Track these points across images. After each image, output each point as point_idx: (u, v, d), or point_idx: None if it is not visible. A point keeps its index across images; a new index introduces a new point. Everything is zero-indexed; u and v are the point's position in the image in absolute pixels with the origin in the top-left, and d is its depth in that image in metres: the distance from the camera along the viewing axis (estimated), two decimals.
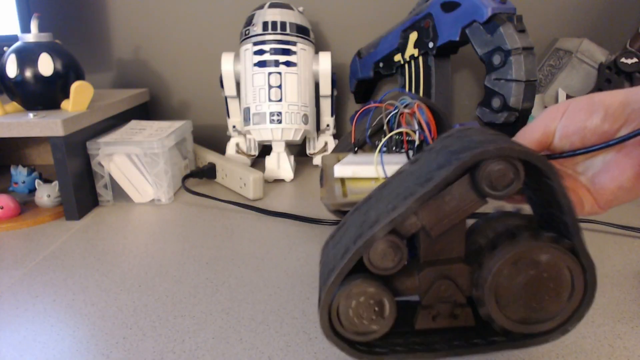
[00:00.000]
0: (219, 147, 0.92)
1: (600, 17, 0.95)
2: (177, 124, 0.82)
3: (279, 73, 0.81)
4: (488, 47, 0.63)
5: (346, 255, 0.29)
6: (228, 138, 0.92)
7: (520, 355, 0.39)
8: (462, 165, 0.27)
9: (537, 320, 0.32)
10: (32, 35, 0.71)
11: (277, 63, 0.81)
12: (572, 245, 0.30)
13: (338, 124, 1.01)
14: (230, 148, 0.90)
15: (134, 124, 0.84)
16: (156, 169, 0.73)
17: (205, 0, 0.96)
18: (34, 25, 0.71)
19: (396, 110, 0.43)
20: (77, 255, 0.59)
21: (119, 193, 0.75)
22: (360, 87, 0.95)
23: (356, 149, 0.46)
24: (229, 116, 0.91)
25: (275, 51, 0.81)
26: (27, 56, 0.70)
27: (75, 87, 0.70)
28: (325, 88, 0.87)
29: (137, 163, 0.74)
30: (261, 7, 0.84)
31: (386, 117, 0.45)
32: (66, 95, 0.72)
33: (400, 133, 0.43)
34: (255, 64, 0.81)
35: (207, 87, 1.00)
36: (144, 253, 0.59)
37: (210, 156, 0.84)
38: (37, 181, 0.72)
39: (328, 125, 0.91)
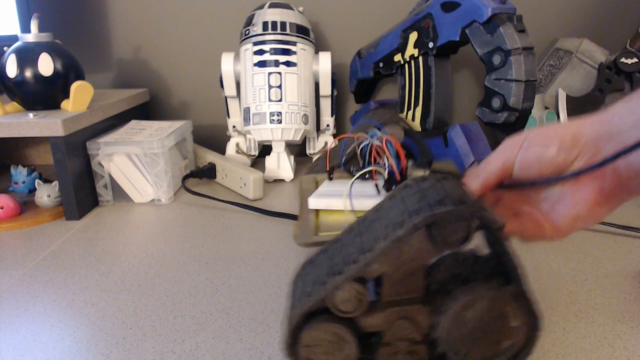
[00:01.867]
0: (219, 147, 0.92)
1: (600, 17, 0.95)
2: (177, 124, 0.82)
3: (279, 73, 0.81)
4: (488, 47, 0.63)
5: (310, 299, 0.32)
6: (228, 138, 0.92)
7: None
8: (414, 228, 0.30)
9: (488, 358, 0.34)
10: (32, 35, 0.71)
11: (277, 63, 0.81)
12: (518, 291, 0.32)
13: (338, 124, 1.01)
14: (230, 148, 0.90)
15: (134, 124, 0.84)
16: (156, 169, 0.73)
17: (205, 0, 0.96)
18: (34, 25, 0.71)
19: (367, 142, 0.45)
20: (77, 255, 0.59)
21: (119, 193, 0.75)
22: (360, 87, 0.95)
23: (331, 176, 0.48)
24: (229, 116, 0.91)
25: (275, 51, 0.81)
26: (27, 56, 0.70)
27: (75, 87, 0.70)
28: (325, 88, 0.87)
29: (137, 163, 0.74)
30: (261, 7, 0.84)
31: (358, 146, 0.47)
32: (66, 95, 0.72)
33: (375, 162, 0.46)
34: (255, 64, 0.81)
35: (207, 87, 1.00)
36: (144, 253, 0.59)
37: (210, 156, 0.84)
38: (37, 181, 0.72)
39: (328, 125, 0.91)
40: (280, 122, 0.81)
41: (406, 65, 0.78)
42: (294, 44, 0.82)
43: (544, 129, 0.34)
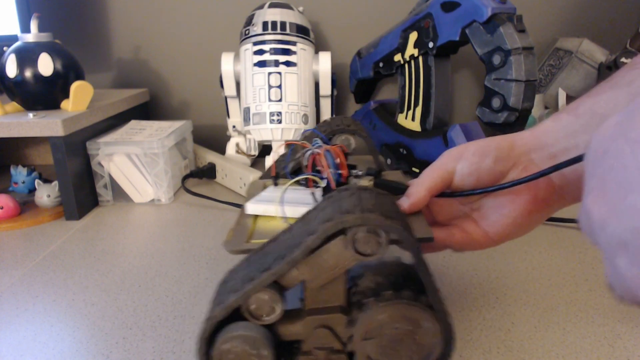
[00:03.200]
0: (219, 147, 0.92)
1: (600, 17, 0.95)
2: (177, 124, 0.82)
3: (279, 73, 0.81)
4: (488, 47, 0.63)
5: (223, 306, 0.32)
6: (228, 138, 0.92)
7: (520, 356, 0.39)
8: (323, 234, 0.30)
9: None
10: (32, 35, 0.71)
11: (277, 63, 0.81)
12: (430, 303, 0.33)
13: None
14: (230, 148, 0.90)
15: (134, 124, 0.84)
16: (156, 169, 0.73)
17: (205, 0, 0.96)
18: (34, 25, 0.71)
19: (310, 151, 0.45)
20: (77, 255, 0.59)
21: (119, 193, 0.75)
22: (360, 87, 0.95)
23: (276, 182, 0.48)
24: (229, 116, 0.91)
25: (275, 51, 0.81)
26: (27, 56, 0.70)
27: (75, 87, 0.70)
28: (325, 88, 0.87)
29: (137, 163, 0.74)
30: (261, 7, 0.84)
31: (303, 155, 0.47)
32: (66, 95, 0.72)
33: (317, 170, 0.46)
34: (255, 64, 0.81)
35: (207, 87, 1.00)
36: (144, 253, 0.59)
37: (210, 156, 0.84)
38: (37, 181, 0.72)
39: None
40: (280, 122, 0.81)
41: (406, 65, 0.78)
42: (294, 44, 0.82)
43: (481, 141, 0.36)
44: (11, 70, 0.70)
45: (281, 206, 0.40)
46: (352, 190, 0.34)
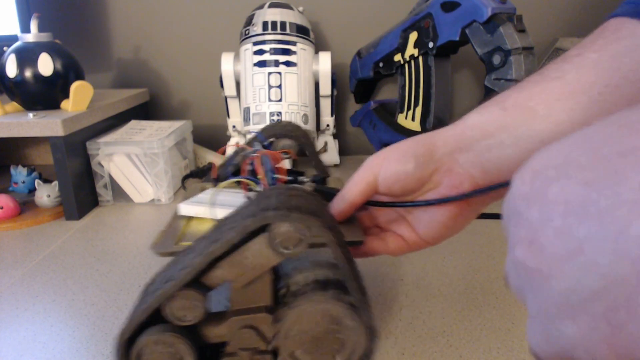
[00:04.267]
0: (219, 147, 0.92)
1: (600, 17, 0.95)
2: (177, 124, 0.82)
3: (279, 73, 0.81)
4: (488, 47, 0.63)
5: (141, 308, 0.31)
6: (228, 138, 0.92)
7: (520, 356, 0.39)
8: (244, 230, 0.30)
9: None
10: (32, 35, 0.71)
11: (277, 63, 0.81)
12: (354, 303, 0.32)
13: (338, 124, 1.01)
14: (230, 148, 0.90)
15: (133, 124, 0.84)
16: (156, 169, 0.73)
17: (205, 0, 0.96)
18: (33, 25, 0.71)
19: (246, 154, 0.46)
20: (76, 255, 0.59)
21: (119, 193, 0.75)
22: (360, 87, 0.95)
23: (216, 184, 0.48)
24: (229, 116, 0.91)
25: (275, 51, 0.81)
26: (27, 56, 0.70)
27: (75, 87, 0.70)
28: (325, 88, 0.87)
29: (137, 163, 0.74)
30: (261, 7, 0.84)
31: (243, 158, 0.47)
32: (66, 95, 0.72)
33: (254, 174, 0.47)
34: (255, 64, 0.81)
35: (207, 87, 1.00)
36: (143, 253, 0.59)
37: (210, 156, 0.84)
38: (37, 181, 0.72)
39: (328, 125, 0.91)
40: (280, 122, 0.81)
41: (406, 65, 0.78)
42: (294, 43, 0.82)
43: (400, 145, 0.35)
44: (11, 70, 0.70)
45: (212, 208, 0.40)
46: (280, 189, 0.33)
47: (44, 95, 0.71)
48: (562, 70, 0.31)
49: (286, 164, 0.49)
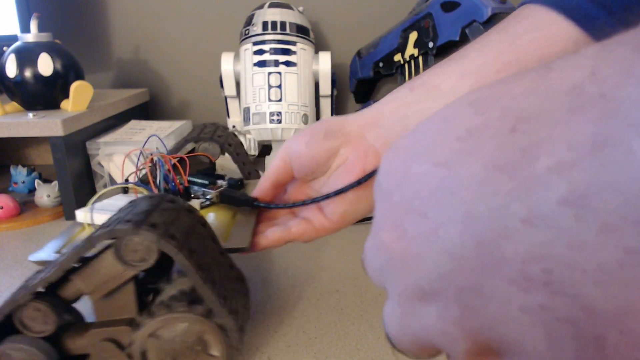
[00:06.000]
0: None
1: None
2: (177, 124, 0.82)
3: (279, 73, 0.81)
4: None
5: None
6: None
7: None
8: (90, 243, 0.30)
9: None
10: (32, 35, 0.71)
11: (277, 63, 0.81)
12: (207, 310, 0.32)
13: None
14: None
15: (133, 124, 0.84)
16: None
17: (205, 0, 0.96)
18: (33, 25, 0.71)
19: (144, 159, 0.46)
20: None
21: None
22: (360, 87, 0.95)
23: (126, 190, 0.48)
24: (229, 116, 0.91)
25: (275, 51, 0.81)
26: (26, 56, 0.70)
27: (75, 87, 0.70)
28: (325, 88, 0.87)
29: (137, 163, 0.73)
30: (261, 6, 0.84)
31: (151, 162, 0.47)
32: (66, 95, 0.72)
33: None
34: (255, 64, 0.81)
35: (207, 87, 1.00)
36: None
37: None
38: (36, 181, 0.72)
39: None
40: (280, 122, 0.81)
41: (406, 65, 0.78)
42: (293, 43, 0.82)
43: (314, 124, 0.37)
44: (11, 70, 0.70)
45: (90, 213, 0.39)
46: (147, 200, 0.33)
47: (43, 95, 0.71)
48: (466, 51, 0.33)
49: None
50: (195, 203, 0.43)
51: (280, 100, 0.81)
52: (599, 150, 0.10)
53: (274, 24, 0.81)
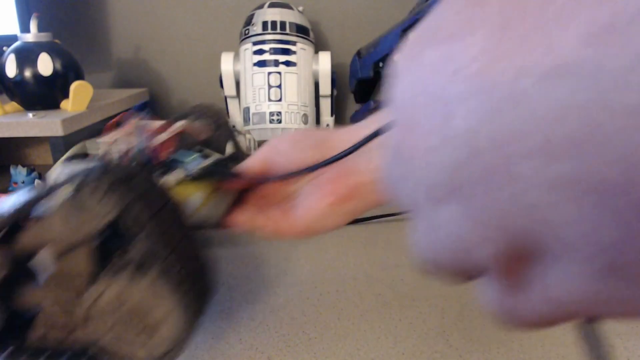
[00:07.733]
0: None
1: None
2: (177, 124, 0.82)
3: (279, 73, 0.81)
4: None
5: None
6: None
7: (520, 356, 0.39)
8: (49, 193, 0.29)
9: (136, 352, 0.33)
10: (32, 35, 0.71)
11: (276, 63, 0.81)
12: (156, 276, 0.31)
13: (338, 124, 1.01)
14: (230, 148, 0.90)
15: None
16: None
17: (205, 0, 0.96)
18: (33, 25, 0.71)
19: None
20: None
21: None
22: (360, 87, 0.94)
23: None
24: (229, 116, 0.91)
25: (275, 51, 0.81)
26: (26, 56, 0.70)
27: (75, 87, 0.70)
28: (325, 88, 0.87)
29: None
30: (261, 6, 0.84)
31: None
32: (65, 95, 0.72)
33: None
34: (254, 64, 0.81)
35: (207, 87, 1.00)
36: None
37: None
38: (36, 181, 0.72)
39: (328, 125, 0.91)
40: (280, 122, 0.81)
41: None
42: (293, 43, 0.82)
43: (297, 132, 0.38)
44: (11, 70, 0.69)
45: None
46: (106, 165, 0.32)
47: (43, 95, 0.71)
48: None
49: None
50: (172, 177, 0.42)
51: (280, 100, 0.81)
52: None
53: (273, 23, 0.81)
